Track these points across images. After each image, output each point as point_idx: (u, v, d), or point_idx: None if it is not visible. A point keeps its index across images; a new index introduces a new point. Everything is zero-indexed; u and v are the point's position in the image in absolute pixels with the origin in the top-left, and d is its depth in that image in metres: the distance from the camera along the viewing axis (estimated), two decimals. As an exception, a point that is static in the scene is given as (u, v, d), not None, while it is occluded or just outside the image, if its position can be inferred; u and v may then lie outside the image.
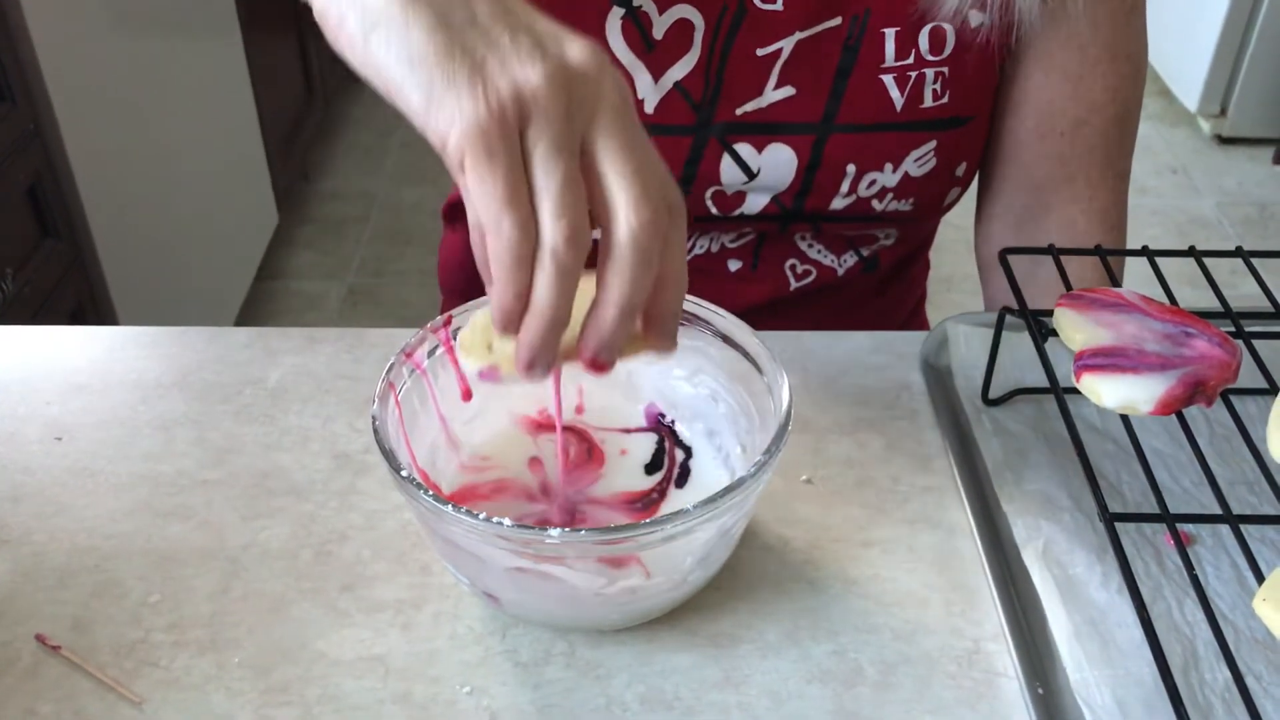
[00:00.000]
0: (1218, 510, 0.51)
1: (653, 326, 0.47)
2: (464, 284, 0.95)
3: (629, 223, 0.43)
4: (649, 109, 0.75)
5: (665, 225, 0.44)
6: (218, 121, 2.04)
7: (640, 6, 0.74)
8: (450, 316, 0.58)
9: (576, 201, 0.42)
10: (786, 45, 0.75)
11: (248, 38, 2.10)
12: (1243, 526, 0.51)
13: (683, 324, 0.59)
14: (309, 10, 0.47)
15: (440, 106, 0.42)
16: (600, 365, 0.46)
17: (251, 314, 2.21)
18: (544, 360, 0.44)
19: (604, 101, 0.43)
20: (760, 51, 0.75)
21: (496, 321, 0.44)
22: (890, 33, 0.75)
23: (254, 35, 2.13)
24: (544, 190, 0.42)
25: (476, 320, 0.52)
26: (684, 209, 0.46)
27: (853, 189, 0.78)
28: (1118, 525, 0.52)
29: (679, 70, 0.75)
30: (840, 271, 0.86)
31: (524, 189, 0.42)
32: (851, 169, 0.77)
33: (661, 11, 0.74)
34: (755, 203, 0.79)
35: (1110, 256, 0.66)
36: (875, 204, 0.79)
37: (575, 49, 0.44)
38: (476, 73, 0.42)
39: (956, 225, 1.13)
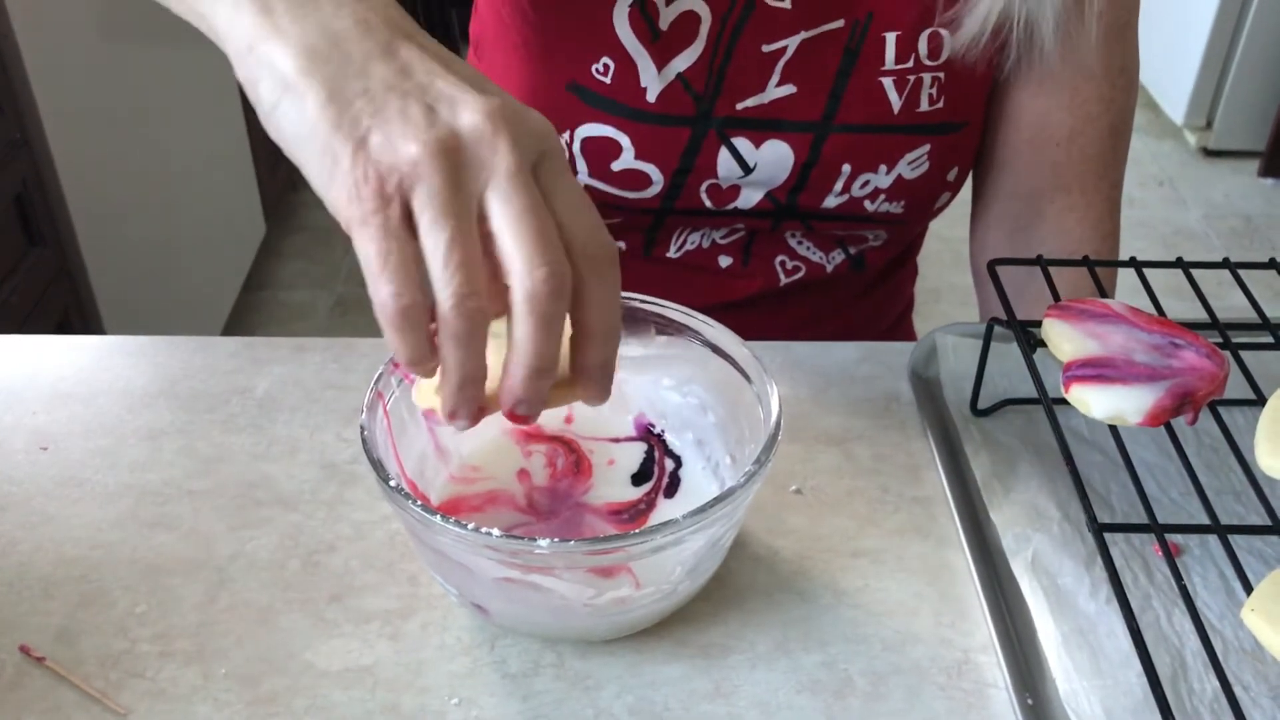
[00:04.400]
0: (1206, 520, 0.52)
1: (580, 378, 0.47)
2: None
3: (522, 285, 0.42)
4: (651, 98, 0.76)
5: (567, 282, 0.43)
6: (206, 131, 2.04)
7: None
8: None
9: (462, 268, 0.42)
10: (791, 44, 0.76)
11: (236, 47, 2.09)
12: (1231, 537, 0.51)
13: (672, 334, 0.59)
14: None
15: (330, 181, 0.43)
16: (519, 419, 0.46)
17: (239, 323, 2.20)
18: (463, 411, 0.45)
19: (499, 164, 0.43)
20: (766, 48, 0.76)
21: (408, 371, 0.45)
22: (891, 36, 0.75)
23: (243, 45, 2.12)
24: (430, 258, 0.42)
25: None
26: (613, 257, 0.45)
27: (846, 188, 0.79)
28: (1106, 535, 0.52)
29: (682, 61, 0.75)
30: (829, 268, 0.86)
31: (401, 257, 0.42)
32: (847, 168, 0.78)
33: (669, 3, 0.74)
34: (749, 197, 0.80)
35: (1100, 267, 0.67)
36: (867, 204, 0.80)
37: (469, 113, 0.43)
38: (360, 148, 0.42)
39: (944, 237, 1.13)
